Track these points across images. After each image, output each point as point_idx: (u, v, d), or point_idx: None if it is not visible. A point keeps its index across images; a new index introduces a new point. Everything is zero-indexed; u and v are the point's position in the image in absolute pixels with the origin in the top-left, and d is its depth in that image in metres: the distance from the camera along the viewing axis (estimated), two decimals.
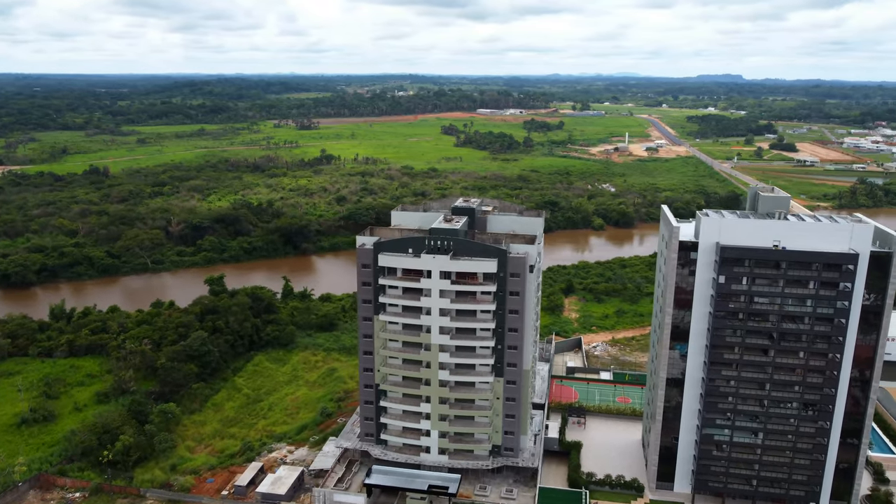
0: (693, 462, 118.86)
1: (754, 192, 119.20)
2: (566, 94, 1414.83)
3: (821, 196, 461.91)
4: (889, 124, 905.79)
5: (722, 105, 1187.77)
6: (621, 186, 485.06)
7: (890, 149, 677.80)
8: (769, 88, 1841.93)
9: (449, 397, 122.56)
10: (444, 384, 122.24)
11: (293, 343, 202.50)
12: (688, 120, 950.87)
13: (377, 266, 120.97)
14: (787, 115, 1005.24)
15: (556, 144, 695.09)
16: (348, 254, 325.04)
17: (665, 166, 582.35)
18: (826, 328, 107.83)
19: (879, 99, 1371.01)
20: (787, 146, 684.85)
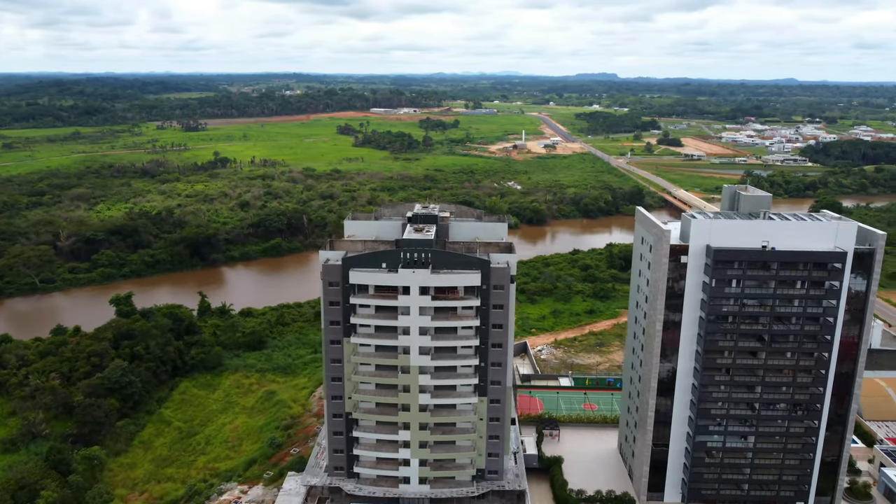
0: (684, 471, 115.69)
1: (733, 192, 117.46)
2: (456, 93, 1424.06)
3: (713, 189, 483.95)
4: (757, 119, 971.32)
5: (605, 102, 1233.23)
6: (527, 184, 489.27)
7: (764, 142, 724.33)
8: (643, 86, 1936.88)
9: (429, 422, 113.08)
10: (425, 408, 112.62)
11: (221, 366, 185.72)
12: (576, 117, 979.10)
13: (346, 284, 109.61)
14: (665, 112, 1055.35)
15: (455, 143, 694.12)
16: (261, 263, 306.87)
17: (564, 163, 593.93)
18: (815, 327, 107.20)
19: (743, 96, 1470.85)
20: (672, 141, 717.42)
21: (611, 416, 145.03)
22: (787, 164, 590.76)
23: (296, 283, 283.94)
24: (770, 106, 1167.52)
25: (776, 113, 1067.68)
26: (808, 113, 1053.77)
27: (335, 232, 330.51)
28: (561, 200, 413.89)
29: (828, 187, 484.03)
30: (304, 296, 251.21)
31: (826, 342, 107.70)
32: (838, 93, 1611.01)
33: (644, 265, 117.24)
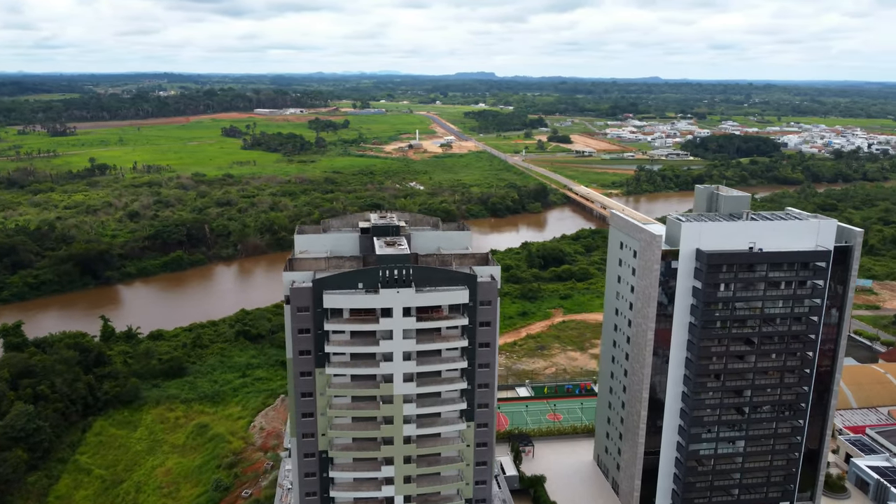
0: (675, 481, 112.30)
1: (710, 193, 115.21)
2: (340, 93, 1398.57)
3: (610, 184, 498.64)
4: (635, 116, 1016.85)
5: (490, 101, 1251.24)
6: (429, 184, 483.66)
7: (646, 138, 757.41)
8: (521, 85, 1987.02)
9: (414, 454, 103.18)
10: (409, 440, 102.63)
11: (139, 399, 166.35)
12: (465, 116, 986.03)
13: (318, 308, 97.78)
14: (548, 110, 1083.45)
15: (349, 144, 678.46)
16: (162, 279, 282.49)
17: (461, 162, 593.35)
18: (801, 327, 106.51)
19: (616, 93, 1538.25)
20: (562, 138, 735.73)
21: (581, 426, 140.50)
22: (671, 159, 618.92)
23: (204, 298, 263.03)
24: (644, 103, 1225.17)
25: (650, 110, 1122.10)
26: (680, 109, 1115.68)
27: (241, 242, 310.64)
28: (468, 200, 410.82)
29: (713, 180, 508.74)
30: (217, 312, 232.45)
31: (811, 341, 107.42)
32: (700, 90, 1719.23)
33: (625, 271, 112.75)
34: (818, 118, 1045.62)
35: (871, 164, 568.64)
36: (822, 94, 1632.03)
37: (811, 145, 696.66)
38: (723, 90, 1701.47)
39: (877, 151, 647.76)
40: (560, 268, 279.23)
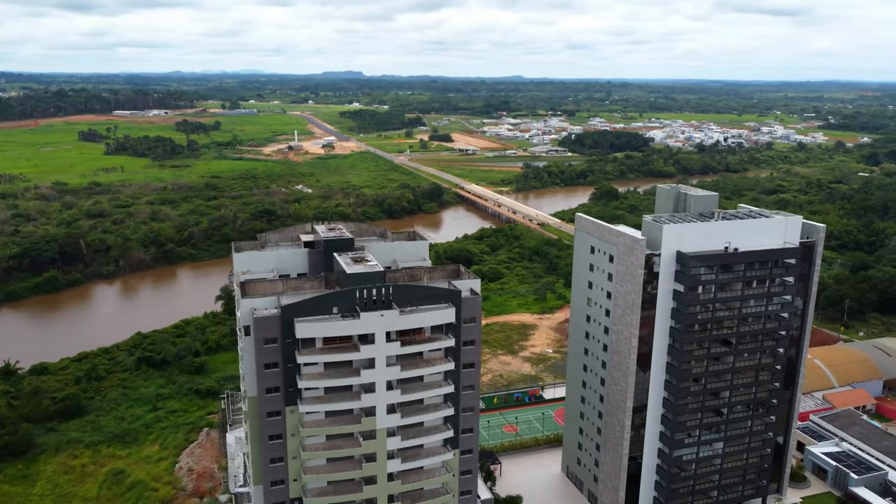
0: (657, 488, 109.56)
1: (677, 192, 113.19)
2: (204, 93, 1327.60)
3: (499, 181, 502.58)
4: (508, 114, 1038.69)
5: (364, 100, 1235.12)
6: (317, 186, 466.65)
7: (523, 135, 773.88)
8: (392, 84, 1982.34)
9: (398, 492, 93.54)
10: (393, 477, 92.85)
11: (34, 447, 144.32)
12: (341, 115, 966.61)
13: (288, 339, 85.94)
14: (423, 109, 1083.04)
15: (224, 146, 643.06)
16: (34, 303, 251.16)
17: (346, 163, 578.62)
18: (774, 324, 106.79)
19: (485, 92, 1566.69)
20: (443, 137, 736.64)
21: (542, 437, 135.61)
22: (552, 155, 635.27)
23: (89, 323, 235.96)
24: (514, 101, 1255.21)
25: (521, 107, 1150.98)
26: (549, 107, 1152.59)
27: (123, 257, 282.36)
28: (364, 202, 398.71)
29: (595, 175, 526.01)
30: (107, 338, 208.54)
31: (783, 337, 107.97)
32: (564, 88, 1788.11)
33: (599, 276, 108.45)
34: (674, 114, 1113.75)
35: (732, 157, 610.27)
36: (673, 91, 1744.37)
37: (675, 140, 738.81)
38: (584, 88, 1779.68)
39: (732, 144, 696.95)
40: (470, 269, 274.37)
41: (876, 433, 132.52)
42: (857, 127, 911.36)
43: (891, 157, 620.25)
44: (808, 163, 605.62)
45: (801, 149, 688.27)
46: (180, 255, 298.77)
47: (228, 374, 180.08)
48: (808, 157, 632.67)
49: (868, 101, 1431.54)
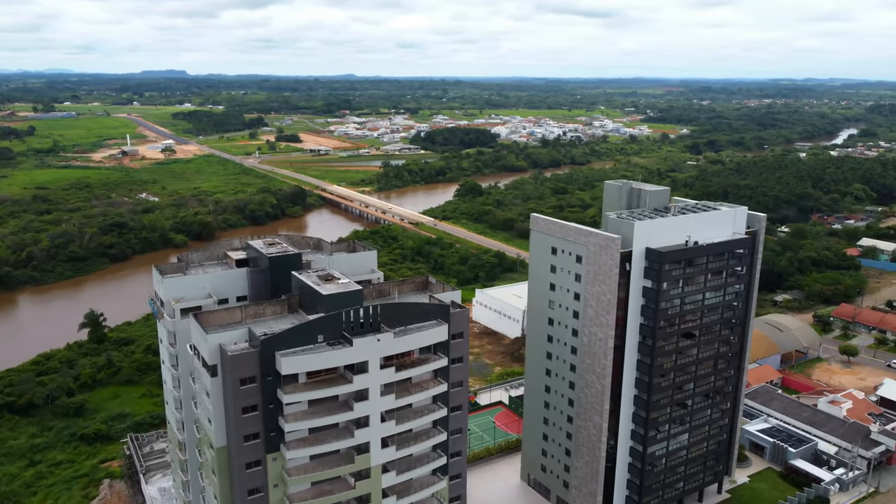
0: (629, 486, 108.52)
1: (629, 189, 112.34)
2: (9, 94, 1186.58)
3: (359, 181, 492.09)
4: (351, 112, 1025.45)
5: (197, 101, 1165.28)
6: (163, 194, 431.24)
7: (372, 133, 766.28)
8: (222, 83, 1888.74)
9: None
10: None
11: None
12: (174, 117, 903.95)
13: (268, 377, 74.22)
14: (261, 109, 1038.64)
15: (45, 153, 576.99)
16: None
17: (191, 167, 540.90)
18: (730, 313, 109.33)
19: (322, 91, 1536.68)
20: (291, 137, 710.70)
21: (494, 446, 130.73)
22: (405, 153, 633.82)
23: None
24: (355, 100, 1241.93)
25: (362, 106, 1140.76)
26: (392, 105, 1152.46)
27: None
28: (224, 209, 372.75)
29: (453, 171, 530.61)
30: None
31: (737, 325, 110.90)
32: (400, 87, 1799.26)
33: (564, 278, 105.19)
34: (510, 110, 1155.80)
35: (576, 150, 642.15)
36: (504, 88, 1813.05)
37: (519, 135, 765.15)
38: (420, 86, 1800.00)
39: (573, 138, 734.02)
40: None
41: (794, 406, 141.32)
42: (673, 119, 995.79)
43: (710, 146, 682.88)
44: (642, 154, 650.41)
45: (633, 141, 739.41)
46: (20, 279, 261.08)
47: (115, 413, 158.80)
48: (641, 149, 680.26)
49: (675, 96, 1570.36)
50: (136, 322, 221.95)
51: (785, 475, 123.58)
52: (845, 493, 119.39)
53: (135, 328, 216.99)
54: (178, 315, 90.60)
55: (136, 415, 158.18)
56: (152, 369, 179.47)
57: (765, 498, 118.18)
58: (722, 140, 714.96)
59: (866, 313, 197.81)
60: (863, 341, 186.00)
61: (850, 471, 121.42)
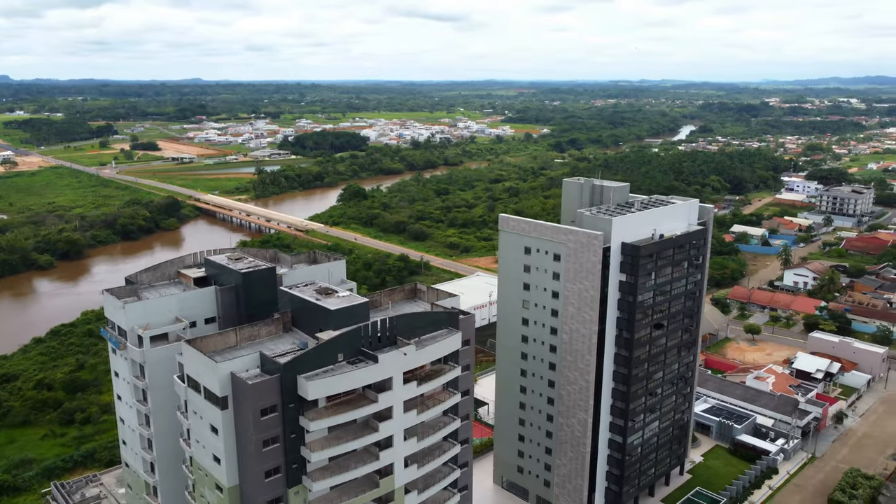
0: (611, 478, 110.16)
1: (591, 186, 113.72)
2: None
3: (233, 189, 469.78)
4: (208, 118, 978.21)
5: (31, 108, 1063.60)
6: (11, 211, 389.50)
7: (236, 139, 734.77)
8: (56, 88, 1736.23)
9: None
10: None
11: None
12: (6, 126, 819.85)
13: (291, 404, 67.84)
14: (107, 116, 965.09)
15: None
16: None
17: (38, 181, 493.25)
18: (691, 302, 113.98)
19: (170, 96, 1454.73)
20: (149, 146, 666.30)
21: None
22: (275, 158, 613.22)
23: None
24: (210, 105, 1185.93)
25: (218, 111, 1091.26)
26: (252, 110, 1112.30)
27: None
28: (91, 225, 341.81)
29: (330, 176, 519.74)
30: None
31: (696, 313, 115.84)
32: (255, 91, 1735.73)
33: (540, 277, 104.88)
34: (372, 113, 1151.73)
35: (450, 151, 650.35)
36: (362, 91, 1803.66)
37: (388, 137, 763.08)
38: (276, 90, 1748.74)
39: (442, 139, 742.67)
40: None
41: (727, 385, 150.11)
42: (531, 120, 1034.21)
43: (572, 144, 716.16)
44: (510, 153, 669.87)
45: (500, 141, 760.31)
46: None
47: (17, 460, 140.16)
48: (510, 148, 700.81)
49: (528, 98, 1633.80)
50: (13, 354, 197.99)
51: (733, 451, 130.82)
52: (789, 461, 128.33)
53: (13, 361, 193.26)
54: (147, 344, 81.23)
55: (42, 459, 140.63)
56: (50, 406, 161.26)
57: (721, 474, 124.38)
58: (582, 139, 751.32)
59: (758, 294, 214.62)
60: (758, 320, 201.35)
61: (789, 441, 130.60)
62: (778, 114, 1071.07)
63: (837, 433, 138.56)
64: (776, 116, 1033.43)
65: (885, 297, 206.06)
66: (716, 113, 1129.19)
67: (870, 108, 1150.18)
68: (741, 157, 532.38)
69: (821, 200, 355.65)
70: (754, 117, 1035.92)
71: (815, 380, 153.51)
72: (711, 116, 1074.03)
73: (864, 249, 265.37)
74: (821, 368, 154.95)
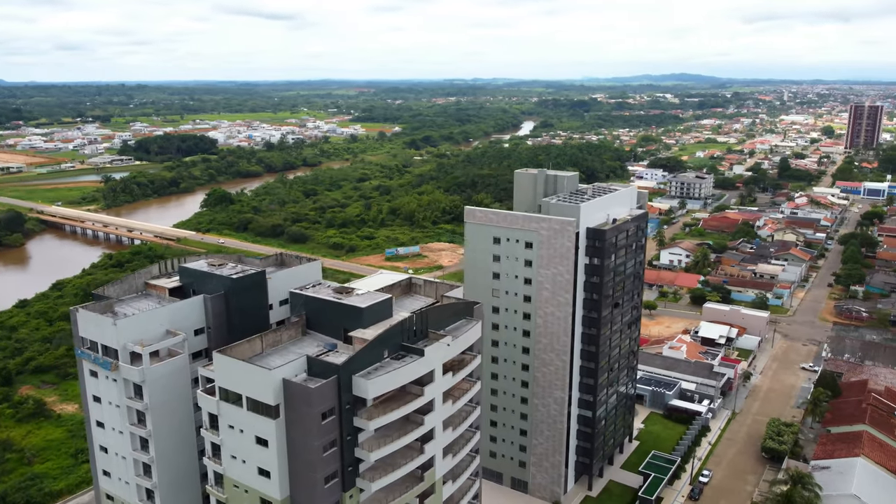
0: (580, 452, 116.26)
1: (545, 176, 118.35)
2: None
3: (79, 199, 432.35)
4: (26, 123, 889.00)
5: None
6: None
7: (67, 146, 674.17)
8: None
9: None
10: None
11: None
12: None
13: (347, 405, 66.47)
14: None
15: None
16: None
17: None
18: (637, 281, 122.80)
19: None
20: None
21: None
22: (118, 165, 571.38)
23: None
24: (25, 108, 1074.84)
25: (34, 115, 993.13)
26: (76, 113, 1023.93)
27: None
28: None
29: (186, 181, 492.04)
30: None
31: (641, 290, 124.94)
32: (74, 93, 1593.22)
33: (511, 265, 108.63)
34: (211, 115, 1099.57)
35: (307, 151, 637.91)
36: (195, 92, 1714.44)
37: (237, 140, 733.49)
38: (98, 92, 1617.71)
39: (294, 140, 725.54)
40: None
41: (648, 356, 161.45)
42: (379, 118, 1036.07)
43: (426, 142, 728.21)
44: (367, 152, 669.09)
45: (355, 140, 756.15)
46: None
47: None
48: (366, 147, 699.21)
49: (369, 97, 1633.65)
50: None
51: (668, 415, 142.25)
52: (716, 419, 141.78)
53: None
54: (146, 361, 75.56)
55: None
56: None
57: (664, 437, 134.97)
58: (435, 136, 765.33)
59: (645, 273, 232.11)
60: (649, 296, 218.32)
61: (713, 401, 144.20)
62: (607, 109, 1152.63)
63: (747, 390, 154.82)
64: (605, 111, 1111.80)
65: (750, 269, 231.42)
66: (551, 109, 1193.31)
67: (683, 103, 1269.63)
68: (589, 149, 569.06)
69: (670, 186, 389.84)
70: (586, 112, 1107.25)
71: (718, 345, 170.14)
72: (549, 112, 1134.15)
73: (720, 228, 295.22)
74: (722, 335, 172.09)
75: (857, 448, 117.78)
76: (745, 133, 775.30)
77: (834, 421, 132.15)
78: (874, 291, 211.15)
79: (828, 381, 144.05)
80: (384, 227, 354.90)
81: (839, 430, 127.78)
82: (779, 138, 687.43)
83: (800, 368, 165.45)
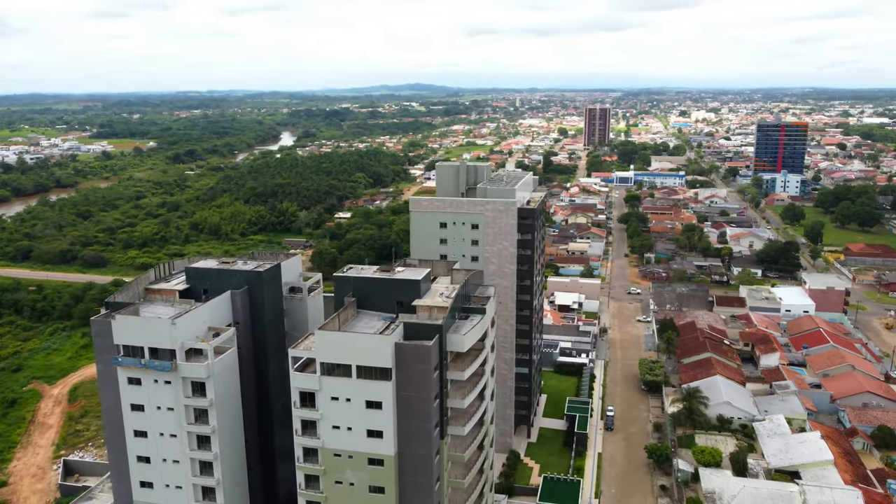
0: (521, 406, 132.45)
1: (466, 167, 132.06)
2: None
3: None
4: None
5: None
6: None
7: None
8: None
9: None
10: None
11: None
12: None
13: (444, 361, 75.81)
14: None
15: None
16: None
17: None
18: (543, 255, 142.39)
19: None
20: None
21: None
22: None
23: None
24: None
25: None
26: None
27: None
28: None
29: None
30: None
31: (543, 264, 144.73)
32: None
33: (459, 246, 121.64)
34: None
35: (61, 172, 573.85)
36: None
37: None
38: None
39: (36, 160, 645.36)
40: None
41: None
42: (124, 134, 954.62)
43: (190, 156, 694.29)
44: (129, 169, 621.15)
45: (110, 158, 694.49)
46: None
47: None
48: (126, 164, 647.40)
49: (98, 111, 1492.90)
50: None
51: (558, 370, 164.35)
52: (596, 368, 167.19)
53: None
54: (211, 356, 77.47)
55: None
56: None
57: (562, 388, 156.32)
58: (198, 149, 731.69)
59: None
60: None
61: (590, 354, 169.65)
62: (362, 118, 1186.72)
63: (606, 343, 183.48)
64: (361, 120, 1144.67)
65: (563, 248, 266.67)
66: (306, 119, 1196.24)
67: (429, 110, 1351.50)
68: (369, 155, 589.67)
69: None
70: (343, 121, 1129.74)
71: (572, 310, 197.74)
72: (305, 123, 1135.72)
73: None
74: (575, 301, 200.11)
75: (713, 370, 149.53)
76: (495, 135, 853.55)
77: (684, 354, 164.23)
78: (662, 257, 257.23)
79: (669, 325, 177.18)
80: (190, 242, 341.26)
81: (690, 360, 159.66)
82: (528, 139, 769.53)
83: (636, 321, 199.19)
